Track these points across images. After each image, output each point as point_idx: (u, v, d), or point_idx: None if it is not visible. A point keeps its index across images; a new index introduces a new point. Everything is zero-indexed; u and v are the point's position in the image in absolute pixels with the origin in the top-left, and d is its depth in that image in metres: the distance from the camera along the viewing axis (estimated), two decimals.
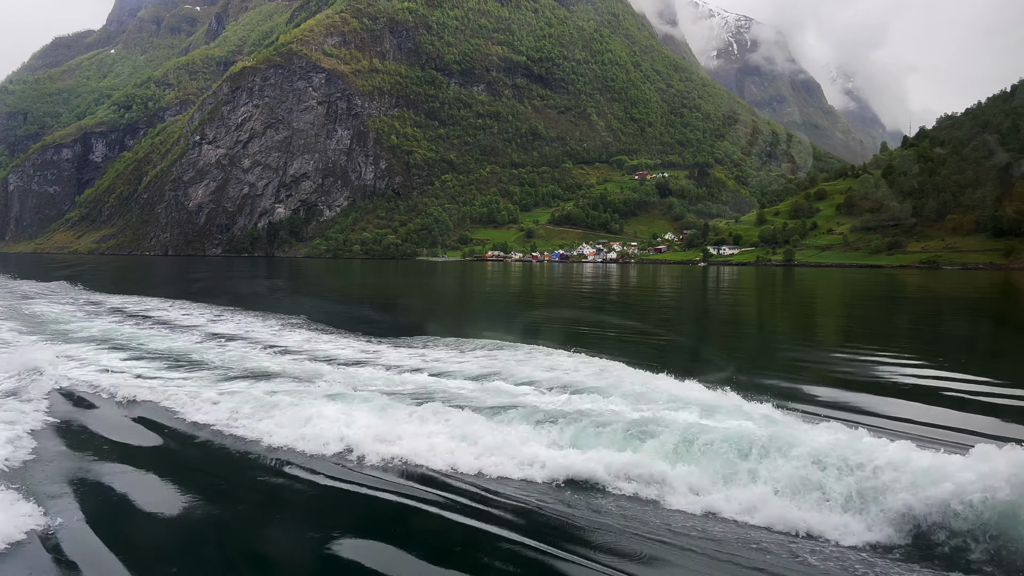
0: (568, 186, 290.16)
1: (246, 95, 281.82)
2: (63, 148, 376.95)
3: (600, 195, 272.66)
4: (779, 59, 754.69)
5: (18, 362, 16.80)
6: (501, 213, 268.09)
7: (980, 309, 43.62)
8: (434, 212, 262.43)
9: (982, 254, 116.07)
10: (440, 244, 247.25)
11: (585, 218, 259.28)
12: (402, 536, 8.13)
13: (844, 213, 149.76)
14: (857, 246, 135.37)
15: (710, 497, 8.78)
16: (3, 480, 9.06)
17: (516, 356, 18.12)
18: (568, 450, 10.26)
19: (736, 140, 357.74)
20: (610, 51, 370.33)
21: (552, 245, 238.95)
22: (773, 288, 68.61)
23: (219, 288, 59.89)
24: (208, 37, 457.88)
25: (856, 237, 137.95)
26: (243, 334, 23.36)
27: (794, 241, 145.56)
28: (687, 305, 45.89)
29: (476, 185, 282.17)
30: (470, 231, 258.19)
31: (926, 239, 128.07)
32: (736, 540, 7.84)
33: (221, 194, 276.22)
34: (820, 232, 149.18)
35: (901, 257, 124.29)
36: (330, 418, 11.78)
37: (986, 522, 7.37)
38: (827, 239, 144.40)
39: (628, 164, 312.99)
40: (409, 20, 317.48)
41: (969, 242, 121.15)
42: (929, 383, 16.26)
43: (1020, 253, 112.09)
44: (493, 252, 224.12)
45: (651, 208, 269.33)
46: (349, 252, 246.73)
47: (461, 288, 67.33)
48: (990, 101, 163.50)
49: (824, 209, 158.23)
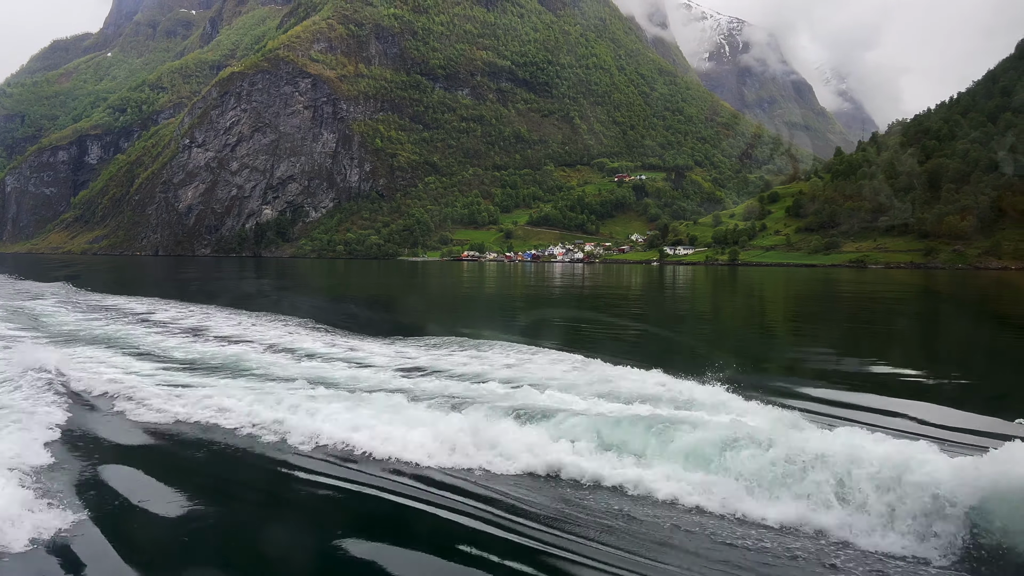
0: (549, 188, 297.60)
1: (234, 100, 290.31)
2: (59, 150, 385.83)
3: (578, 197, 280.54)
4: (771, 61, 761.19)
5: (22, 362, 16.82)
6: (482, 214, 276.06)
7: (854, 300, 51.31)
8: (416, 213, 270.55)
9: (906, 254, 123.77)
10: (421, 244, 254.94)
11: (562, 219, 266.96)
12: (402, 536, 8.20)
13: (792, 215, 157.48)
14: (799, 247, 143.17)
15: (713, 497, 8.82)
16: (8, 480, 9.05)
17: (515, 355, 18.41)
18: (569, 449, 10.35)
19: (717, 143, 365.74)
20: (595, 55, 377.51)
21: (529, 245, 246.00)
22: (694, 284, 75.43)
23: (214, 289, 60.82)
24: (203, 41, 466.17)
25: (799, 238, 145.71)
26: (243, 334, 23.72)
27: (743, 242, 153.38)
28: (608, 298, 53.15)
29: (459, 187, 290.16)
30: (451, 232, 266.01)
31: (861, 240, 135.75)
32: (746, 540, 7.89)
33: (210, 196, 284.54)
34: (768, 233, 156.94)
35: (835, 256, 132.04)
36: (330, 418, 11.99)
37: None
38: (773, 240, 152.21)
39: (609, 167, 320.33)
40: (395, 26, 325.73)
41: (897, 243, 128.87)
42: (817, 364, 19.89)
43: (938, 253, 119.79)
44: (469, 252, 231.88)
45: (628, 210, 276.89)
46: (333, 252, 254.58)
47: (433, 287, 70.23)
48: (962, 96, 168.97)
49: (775, 211, 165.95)
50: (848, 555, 7.52)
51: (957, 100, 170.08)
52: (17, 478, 9.24)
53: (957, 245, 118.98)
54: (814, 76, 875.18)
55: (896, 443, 8.76)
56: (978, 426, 11.89)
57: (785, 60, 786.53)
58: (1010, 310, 43.57)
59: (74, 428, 12.35)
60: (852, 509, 8.09)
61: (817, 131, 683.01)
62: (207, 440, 11.68)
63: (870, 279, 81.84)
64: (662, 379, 14.40)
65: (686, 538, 7.98)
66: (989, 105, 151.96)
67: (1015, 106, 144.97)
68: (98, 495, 9.32)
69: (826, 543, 7.78)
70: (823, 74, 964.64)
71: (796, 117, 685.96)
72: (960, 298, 52.74)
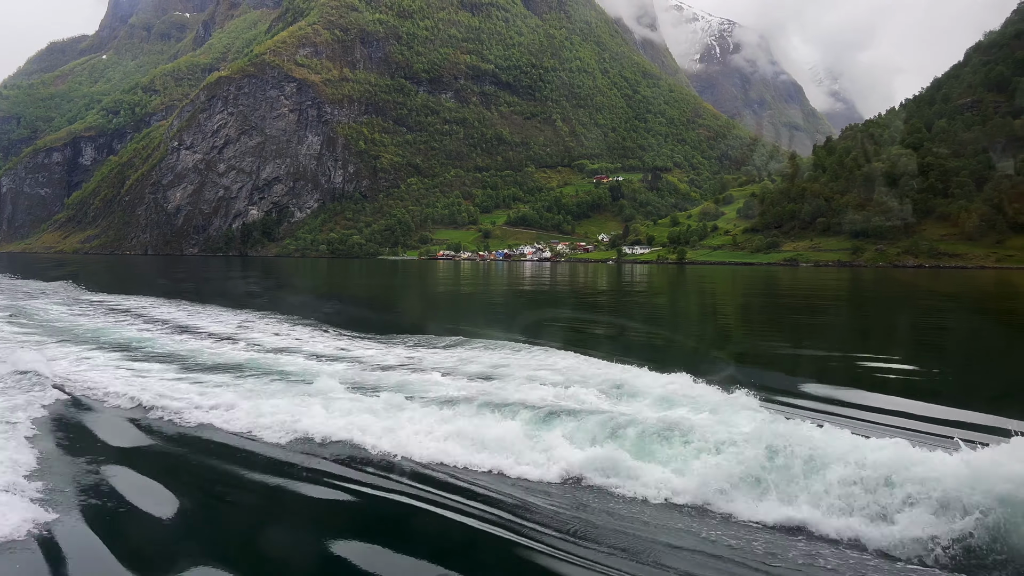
0: (529, 189, 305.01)
1: (221, 103, 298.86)
2: (54, 151, 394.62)
3: (555, 198, 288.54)
4: (762, 62, 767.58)
5: (17, 362, 16.65)
6: (462, 215, 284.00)
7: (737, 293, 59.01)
8: (398, 214, 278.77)
9: (836, 253, 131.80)
10: (401, 244, 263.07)
11: (539, 219, 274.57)
12: (402, 536, 8.21)
13: (742, 216, 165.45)
14: (744, 246, 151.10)
15: (716, 497, 8.73)
16: (2, 481, 8.98)
17: (516, 355, 18.40)
18: (569, 449, 10.32)
19: (697, 144, 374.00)
20: (579, 59, 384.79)
21: (506, 245, 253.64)
22: (633, 279, 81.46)
23: (207, 288, 61.24)
24: (196, 44, 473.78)
25: (745, 238, 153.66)
26: (240, 333, 23.78)
27: (693, 242, 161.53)
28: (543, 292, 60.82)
29: (440, 188, 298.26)
30: (431, 232, 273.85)
31: (799, 240, 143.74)
32: (747, 540, 7.86)
33: (198, 197, 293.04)
34: (719, 233, 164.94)
35: (773, 255, 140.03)
36: (330, 417, 12.00)
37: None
38: (721, 239, 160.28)
39: (589, 168, 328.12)
40: (380, 31, 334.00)
41: (830, 242, 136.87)
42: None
43: (863, 252, 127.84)
44: (445, 252, 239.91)
45: (603, 210, 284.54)
46: (316, 252, 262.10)
47: (414, 285, 72.31)
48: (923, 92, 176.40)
49: (728, 213, 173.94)
50: (848, 554, 7.50)
51: (904, 106, 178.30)
52: (12, 479, 9.11)
53: (880, 245, 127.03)
54: (806, 77, 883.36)
55: (885, 440, 8.84)
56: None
57: (776, 61, 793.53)
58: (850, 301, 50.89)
59: (71, 428, 12.30)
60: (851, 508, 8.05)
61: (807, 132, 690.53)
62: (203, 439, 11.69)
63: (786, 277, 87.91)
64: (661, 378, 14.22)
65: (687, 538, 7.94)
66: (929, 112, 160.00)
67: (950, 113, 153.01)
68: (92, 495, 9.24)
69: (827, 543, 7.74)
70: (815, 75, 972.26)
71: (786, 118, 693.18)
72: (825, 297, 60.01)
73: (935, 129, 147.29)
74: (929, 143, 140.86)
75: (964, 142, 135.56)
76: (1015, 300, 51.10)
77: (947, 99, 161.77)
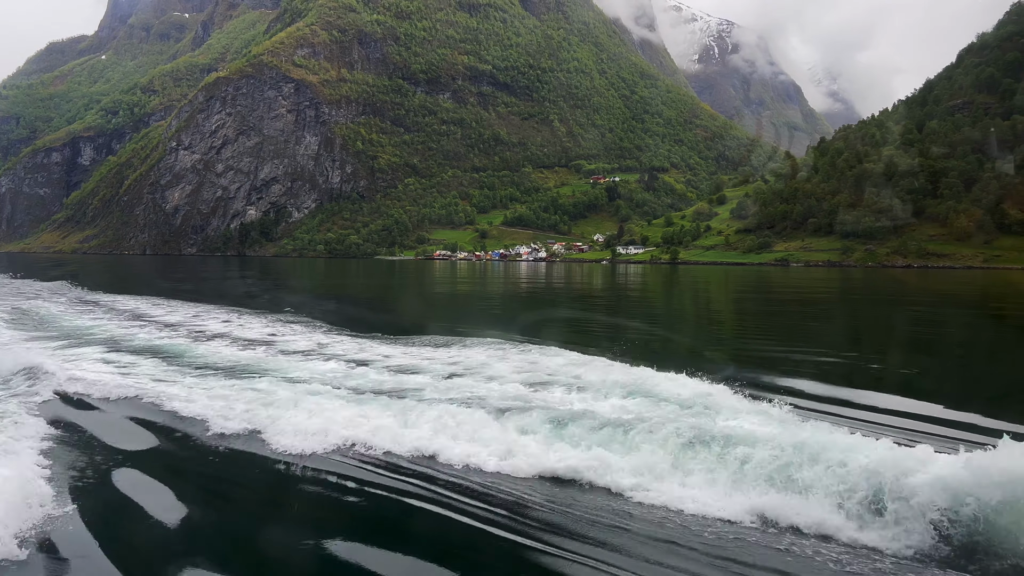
0: (526, 189, 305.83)
1: (219, 104, 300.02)
2: (53, 152, 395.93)
3: (552, 198, 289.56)
4: (760, 62, 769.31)
5: (17, 361, 16.61)
6: (459, 215, 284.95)
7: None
8: (395, 214, 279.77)
9: (826, 253, 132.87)
10: (398, 244, 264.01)
11: (536, 220, 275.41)
12: (403, 536, 8.23)
13: (735, 216, 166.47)
14: (736, 246, 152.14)
15: (718, 497, 8.74)
16: (3, 482, 8.83)
17: (514, 355, 18.36)
18: (570, 449, 10.33)
19: (694, 145, 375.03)
20: (576, 59, 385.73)
21: (503, 245, 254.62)
22: (626, 278, 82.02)
23: (206, 287, 61.81)
24: (195, 44, 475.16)
25: (737, 238, 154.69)
26: (240, 333, 23.79)
27: (686, 242, 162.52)
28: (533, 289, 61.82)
29: (437, 188, 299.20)
30: (428, 232, 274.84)
31: (791, 240, 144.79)
32: (747, 541, 7.86)
33: (196, 197, 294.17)
34: (712, 234, 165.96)
35: (765, 255, 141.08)
36: (329, 417, 12.03)
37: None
38: (713, 240, 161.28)
39: (586, 168, 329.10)
40: (378, 32, 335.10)
41: (821, 243, 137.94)
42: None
43: (853, 252, 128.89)
44: (442, 252, 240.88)
45: (600, 211, 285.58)
46: (314, 252, 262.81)
47: (411, 285, 72.15)
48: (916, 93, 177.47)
49: (722, 213, 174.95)
50: (844, 553, 7.55)
51: (896, 107, 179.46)
52: (12, 479, 9.06)
53: (870, 245, 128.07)
54: (805, 77, 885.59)
55: (884, 442, 8.92)
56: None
57: (775, 61, 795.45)
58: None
59: (71, 428, 12.29)
60: (851, 508, 8.08)
61: (806, 132, 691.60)
62: (203, 439, 11.68)
63: (776, 277, 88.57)
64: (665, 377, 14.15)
65: (687, 539, 7.97)
66: (920, 113, 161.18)
67: (941, 114, 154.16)
68: (92, 495, 9.30)
69: (825, 543, 7.80)
70: (814, 75, 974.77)
71: (785, 118, 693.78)
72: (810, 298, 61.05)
73: (926, 130, 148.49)
74: (920, 144, 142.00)
75: (955, 143, 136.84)
76: (1004, 300, 51.94)
77: (939, 100, 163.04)
